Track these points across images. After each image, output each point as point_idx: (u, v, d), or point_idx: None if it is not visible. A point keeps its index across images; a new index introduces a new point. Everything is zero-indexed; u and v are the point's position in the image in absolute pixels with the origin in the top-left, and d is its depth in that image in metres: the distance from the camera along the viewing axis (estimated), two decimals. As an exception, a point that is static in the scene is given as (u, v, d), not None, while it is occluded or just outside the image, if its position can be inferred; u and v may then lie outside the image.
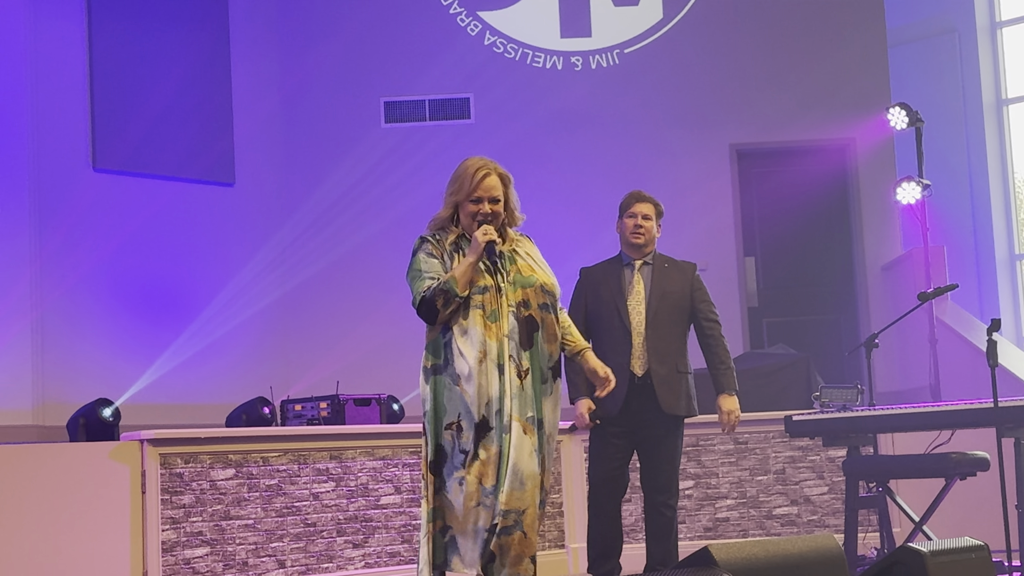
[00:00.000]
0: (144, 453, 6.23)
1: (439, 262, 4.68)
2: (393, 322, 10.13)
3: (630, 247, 6.00)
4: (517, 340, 4.61)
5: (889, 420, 6.35)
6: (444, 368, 4.62)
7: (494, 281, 4.65)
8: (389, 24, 11.16)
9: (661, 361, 5.84)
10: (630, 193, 6.08)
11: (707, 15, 11.29)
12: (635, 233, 5.96)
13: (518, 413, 4.55)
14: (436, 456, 4.60)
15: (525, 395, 4.60)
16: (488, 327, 4.59)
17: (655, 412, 5.82)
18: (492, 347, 4.57)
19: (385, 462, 7.07)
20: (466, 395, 4.56)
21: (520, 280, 4.68)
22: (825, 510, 7.81)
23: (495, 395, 4.55)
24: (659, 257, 6.06)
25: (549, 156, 10.87)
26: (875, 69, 11.23)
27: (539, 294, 4.69)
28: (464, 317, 4.61)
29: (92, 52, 9.89)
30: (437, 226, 4.80)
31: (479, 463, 4.53)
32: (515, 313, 4.63)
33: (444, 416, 4.60)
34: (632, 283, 5.96)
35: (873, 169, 11.16)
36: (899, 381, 10.31)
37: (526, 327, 4.64)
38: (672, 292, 5.94)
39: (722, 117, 11.15)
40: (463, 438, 4.56)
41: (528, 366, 4.62)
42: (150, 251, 9.99)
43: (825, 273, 11.31)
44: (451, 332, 4.62)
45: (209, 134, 10.43)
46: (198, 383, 9.96)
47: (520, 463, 4.51)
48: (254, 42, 10.92)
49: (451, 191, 4.76)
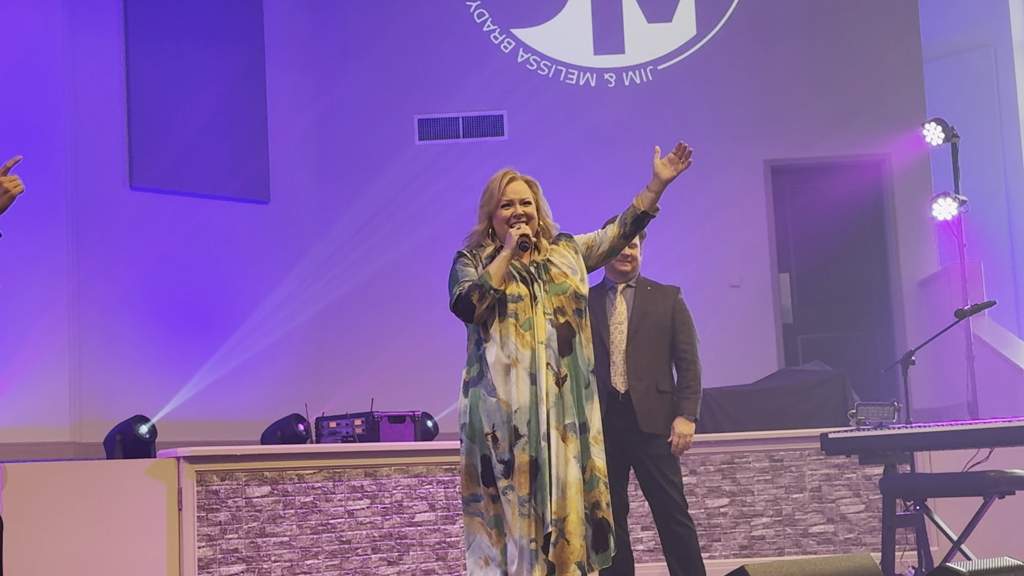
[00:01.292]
0: (180, 470, 6.26)
1: (475, 271, 4.74)
2: (428, 339, 10.15)
3: (616, 274, 6.06)
4: (555, 348, 4.65)
5: (926, 438, 6.30)
6: (479, 380, 4.67)
7: (529, 290, 4.69)
8: (423, 42, 11.20)
9: (639, 377, 5.88)
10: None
11: (741, 31, 11.27)
12: (623, 261, 6.00)
13: (555, 421, 4.59)
14: (485, 467, 4.63)
15: (563, 402, 4.64)
16: (521, 335, 4.63)
17: (634, 430, 5.85)
18: (524, 356, 4.61)
19: (420, 479, 7.07)
20: (501, 404, 4.59)
21: (554, 288, 4.73)
22: (862, 528, 7.76)
23: (525, 404, 4.58)
24: (642, 280, 6.12)
25: (583, 173, 10.88)
26: (910, 84, 11.19)
27: (573, 300, 4.74)
28: (498, 326, 4.65)
29: (129, 71, 9.98)
30: (473, 241, 4.88)
31: (516, 471, 4.57)
32: (552, 321, 4.67)
33: (481, 427, 4.63)
34: (615, 305, 6.02)
35: (908, 185, 11.10)
36: (936, 398, 10.24)
37: (564, 334, 4.67)
38: (654, 312, 6.00)
39: (756, 133, 11.13)
40: (499, 448, 4.59)
41: (567, 372, 4.66)
42: (186, 269, 10.05)
43: (861, 289, 11.25)
44: (485, 343, 4.67)
45: (245, 152, 10.49)
46: (234, 400, 10.00)
47: (560, 471, 4.55)
48: (289, 61, 10.98)
49: (482, 204, 4.87)
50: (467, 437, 4.67)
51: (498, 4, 11.32)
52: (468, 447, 4.67)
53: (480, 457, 4.64)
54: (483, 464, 4.64)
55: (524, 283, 4.71)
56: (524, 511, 4.55)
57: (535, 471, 4.55)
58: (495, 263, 4.68)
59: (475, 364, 4.70)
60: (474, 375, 4.69)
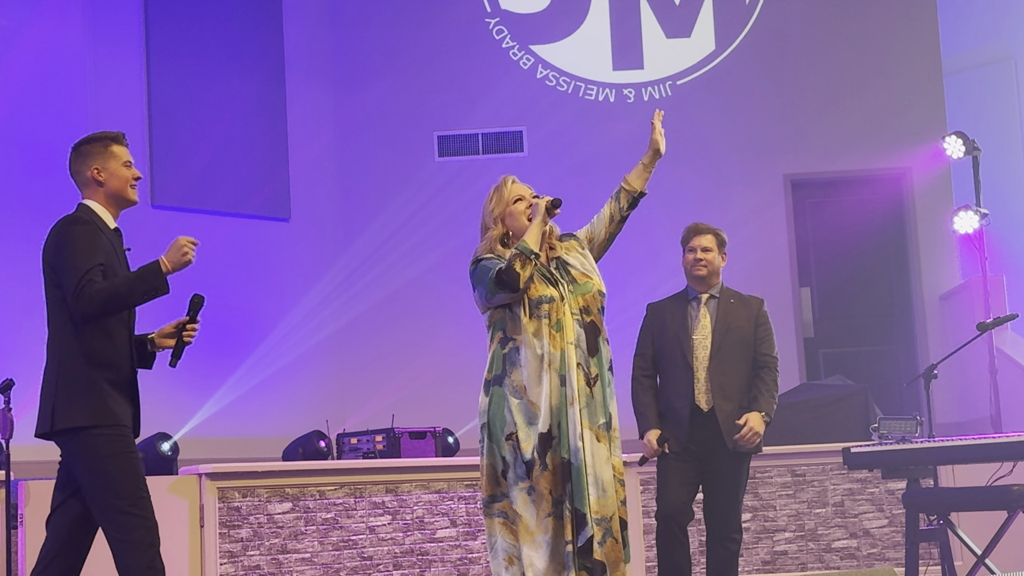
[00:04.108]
0: (202, 487, 6.27)
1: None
2: (449, 355, 10.15)
3: (694, 280, 5.99)
4: (584, 348, 4.67)
5: (949, 452, 6.26)
6: (502, 379, 4.67)
7: (557, 291, 4.70)
8: (442, 59, 11.24)
9: (726, 397, 5.79)
10: (688, 227, 6.10)
11: (759, 45, 11.27)
12: (696, 266, 5.95)
13: (589, 421, 4.61)
14: (498, 467, 4.64)
15: (595, 402, 4.67)
16: (552, 336, 4.63)
17: (721, 447, 5.76)
18: (555, 357, 4.62)
19: (441, 495, 7.07)
20: (529, 406, 4.59)
21: (579, 288, 4.77)
22: (885, 543, 7.72)
23: (556, 405, 4.57)
24: (726, 291, 6.04)
25: (602, 188, 10.74)
26: (931, 97, 11.16)
27: (597, 298, 4.78)
28: (531, 326, 4.66)
29: (150, 90, 10.03)
30: (487, 247, 4.87)
31: (548, 473, 4.56)
32: (579, 321, 4.69)
33: (503, 427, 4.63)
34: (698, 317, 5.92)
35: (930, 198, 11.07)
36: (959, 412, 10.19)
37: (591, 333, 4.70)
38: (737, 327, 5.90)
39: (776, 147, 11.11)
40: (524, 448, 4.59)
41: (597, 372, 4.67)
42: (207, 286, 10.01)
43: (882, 303, 11.22)
44: (511, 343, 4.67)
45: (265, 170, 10.53)
46: (255, 417, 10.02)
47: (599, 471, 4.58)
48: (309, 78, 11.03)
49: (490, 210, 4.91)
50: (488, 437, 4.68)
51: (517, 21, 11.35)
52: (488, 446, 4.68)
53: (499, 457, 4.63)
54: (501, 464, 4.63)
55: (551, 284, 4.73)
56: (557, 512, 4.56)
57: (569, 473, 4.55)
58: (529, 231, 4.72)
59: (498, 363, 4.69)
60: (496, 374, 4.69)
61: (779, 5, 11.31)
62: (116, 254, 4.52)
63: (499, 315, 4.75)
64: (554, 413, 4.59)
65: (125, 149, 4.69)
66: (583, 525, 4.52)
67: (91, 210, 4.55)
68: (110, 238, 4.53)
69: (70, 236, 4.35)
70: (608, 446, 4.67)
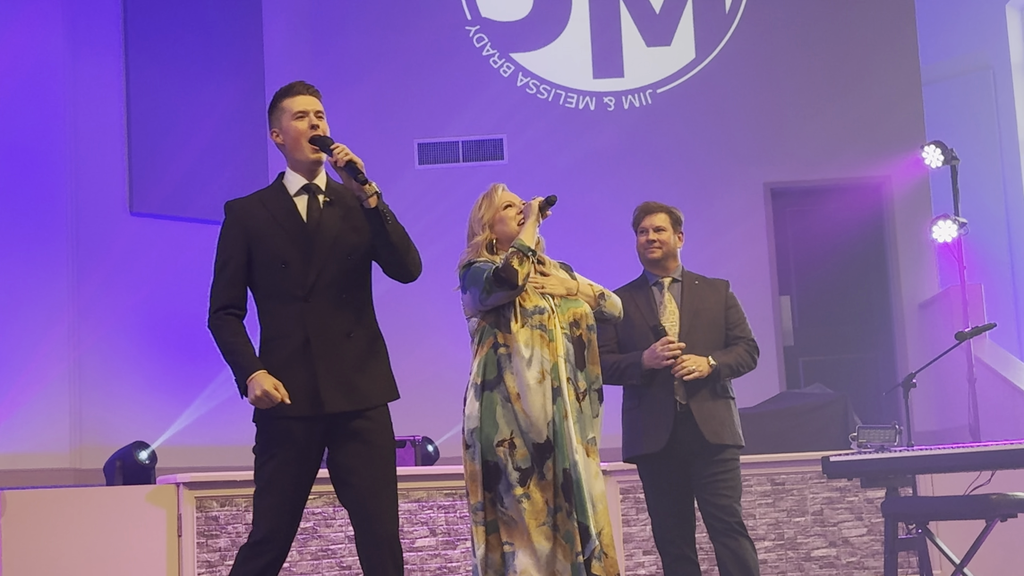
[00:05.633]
0: (180, 497, 6.24)
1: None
2: (427, 364, 10.13)
3: (649, 264, 5.52)
4: (573, 362, 4.66)
5: (928, 461, 6.28)
6: (495, 384, 4.63)
7: (549, 304, 4.71)
8: (422, 66, 11.23)
9: (702, 386, 5.34)
10: (639, 206, 5.61)
11: (740, 54, 11.30)
12: (649, 248, 5.48)
13: (580, 435, 4.60)
14: (487, 472, 4.60)
15: (585, 417, 4.67)
16: (546, 347, 4.63)
17: (702, 443, 5.31)
18: (549, 367, 4.61)
19: (420, 504, 7.04)
20: (523, 414, 4.57)
21: (567, 303, 4.76)
22: (864, 552, 7.74)
23: (552, 415, 4.58)
24: (688, 275, 5.56)
25: (583, 196, 10.88)
26: (909, 107, 11.21)
27: (586, 315, 4.78)
28: (525, 335, 4.64)
29: (129, 97, 9.99)
30: (475, 252, 4.87)
31: (544, 482, 4.56)
32: (568, 335, 4.69)
33: (495, 433, 4.59)
34: (663, 303, 5.46)
35: (908, 207, 11.11)
36: (937, 421, 10.22)
37: (578, 348, 4.71)
38: (705, 310, 5.44)
39: (756, 156, 11.14)
40: (517, 455, 4.56)
41: (585, 387, 4.66)
42: (187, 294, 10.02)
43: (861, 312, 11.25)
44: (503, 348, 4.65)
45: (245, 177, 10.48)
46: (234, 426, 9.94)
47: (589, 485, 4.57)
48: (289, 86, 10.99)
49: (479, 216, 4.90)
50: (478, 441, 4.63)
51: (497, 28, 11.35)
52: (478, 452, 4.63)
53: (485, 463, 4.60)
54: (487, 469, 4.60)
55: (541, 296, 4.73)
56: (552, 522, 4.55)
57: (570, 484, 4.54)
58: (524, 229, 4.71)
59: (491, 367, 4.65)
60: (490, 378, 4.64)
61: (759, 14, 11.35)
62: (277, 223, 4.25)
63: (488, 321, 4.71)
64: (550, 423, 4.58)
65: (297, 99, 4.52)
66: (587, 537, 4.51)
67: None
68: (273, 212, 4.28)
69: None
70: (596, 462, 4.67)
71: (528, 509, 4.54)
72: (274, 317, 4.26)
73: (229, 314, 4.30)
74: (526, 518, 4.54)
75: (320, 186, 4.42)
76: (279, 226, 4.26)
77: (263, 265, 4.25)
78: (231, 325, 4.30)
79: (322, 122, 4.48)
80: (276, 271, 4.21)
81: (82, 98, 9.72)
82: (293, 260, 4.20)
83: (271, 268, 4.23)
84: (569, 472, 4.54)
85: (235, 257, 4.28)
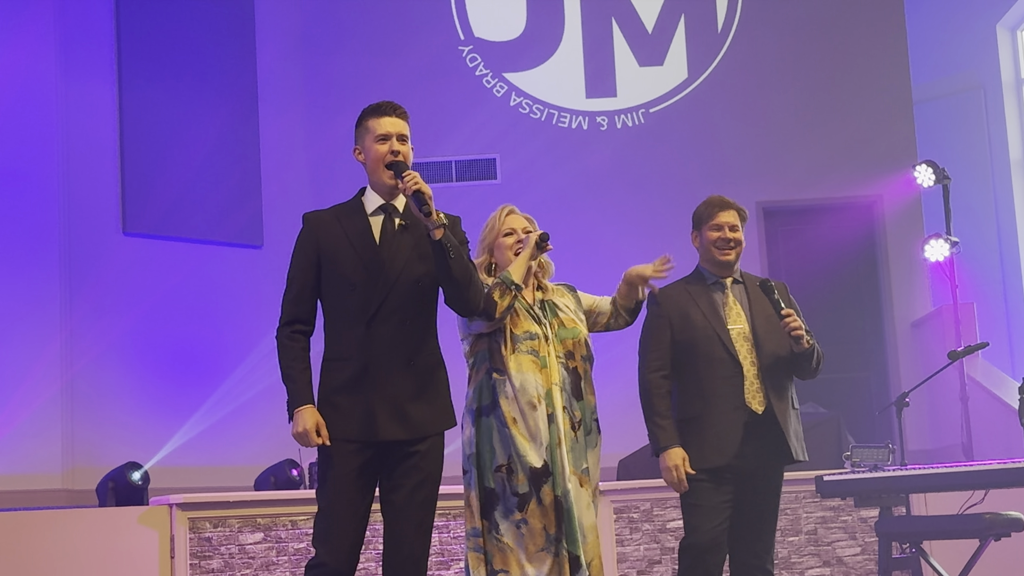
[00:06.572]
0: (173, 518, 6.22)
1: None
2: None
3: (717, 264, 5.02)
4: (569, 391, 4.64)
5: (921, 480, 6.27)
6: (491, 410, 4.61)
7: (541, 330, 4.68)
8: (415, 86, 11.24)
9: (780, 396, 4.94)
10: (710, 200, 5.21)
11: (732, 74, 11.33)
12: (723, 248, 5.03)
13: (573, 465, 4.57)
14: (484, 499, 4.58)
15: (579, 447, 4.64)
16: (539, 373, 4.61)
17: (769, 458, 4.92)
18: (544, 394, 4.59)
19: (414, 525, 7.02)
20: (520, 439, 4.55)
21: (563, 333, 4.73)
22: (858, 571, 7.73)
23: (547, 441, 4.56)
24: (748, 276, 5.13)
25: (576, 216, 10.89)
26: (901, 126, 11.24)
27: (581, 346, 4.74)
28: (516, 360, 4.62)
29: (122, 117, 10.01)
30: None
31: (542, 508, 4.53)
32: (563, 365, 4.67)
33: (492, 458, 4.58)
34: (728, 304, 4.98)
35: (901, 227, 11.13)
36: (930, 440, 10.22)
37: (574, 378, 4.69)
38: (771, 314, 4.96)
39: (748, 175, 11.16)
40: (515, 481, 4.54)
41: (581, 417, 4.65)
42: (179, 314, 10.04)
43: (854, 331, 11.26)
44: (497, 374, 4.62)
45: (238, 197, 10.50)
46: (227, 446, 9.96)
47: (581, 516, 4.55)
48: (282, 106, 11.02)
49: (482, 238, 4.89)
50: (475, 467, 4.61)
51: (491, 48, 11.38)
52: (474, 478, 4.61)
53: (482, 489, 4.59)
54: (485, 496, 4.59)
55: (537, 323, 4.70)
56: (552, 549, 4.52)
57: (562, 511, 4.53)
58: (515, 263, 4.68)
59: (486, 393, 4.63)
60: (486, 404, 4.62)
61: (751, 34, 11.39)
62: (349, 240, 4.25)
63: (481, 346, 4.69)
64: (546, 449, 4.56)
65: (383, 120, 4.47)
66: (576, 567, 4.49)
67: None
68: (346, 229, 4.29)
69: None
70: (589, 492, 4.63)
71: (526, 534, 4.53)
72: (338, 338, 4.25)
73: (296, 331, 4.31)
74: (524, 543, 4.53)
75: (398, 208, 4.40)
76: (351, 245, 4.26)
77: (331, 284, 4.25)
78: (294, 348, 4.31)
79: (404, 146, 4.43)
80: (344, 293, 4.21)
81: (75, 118, 9.73)
82: (360, 283, 4.19)
83: (339, 289, 4.23)
84: (560, 500, 4.53)
85: (305, 272, 4.31)
